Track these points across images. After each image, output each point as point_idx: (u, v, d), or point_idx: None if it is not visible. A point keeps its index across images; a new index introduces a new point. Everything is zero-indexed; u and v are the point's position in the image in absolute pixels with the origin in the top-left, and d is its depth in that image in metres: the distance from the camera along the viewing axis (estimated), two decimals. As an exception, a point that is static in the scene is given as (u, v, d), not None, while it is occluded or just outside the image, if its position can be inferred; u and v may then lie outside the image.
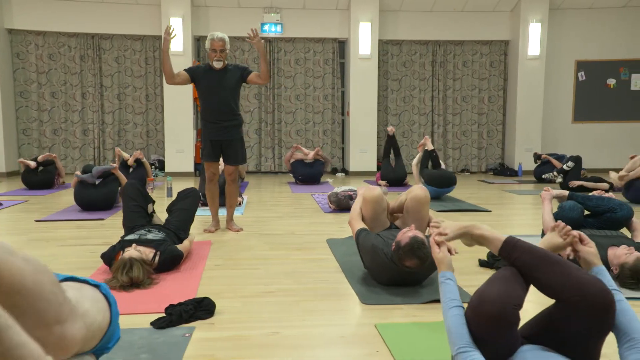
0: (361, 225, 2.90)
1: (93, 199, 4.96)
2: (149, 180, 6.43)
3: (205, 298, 2.35)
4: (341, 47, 9.36)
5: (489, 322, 1.40)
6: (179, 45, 8.51)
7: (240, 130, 4.17)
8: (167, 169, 8.67)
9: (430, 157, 6.16)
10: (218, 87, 3.99)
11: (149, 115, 9.12)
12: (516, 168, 9.10)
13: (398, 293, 2.61)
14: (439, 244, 1.71)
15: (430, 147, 6.12)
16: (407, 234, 2.52)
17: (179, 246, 3.10)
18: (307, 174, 7.54)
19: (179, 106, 8.61)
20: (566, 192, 3.22)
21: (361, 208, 3.01)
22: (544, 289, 1.50)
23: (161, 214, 3.84)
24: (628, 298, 2.50)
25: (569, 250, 1.70)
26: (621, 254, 2.59)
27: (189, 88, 8.60)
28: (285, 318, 2.31)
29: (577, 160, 6.89)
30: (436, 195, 5.78)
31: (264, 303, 2.51)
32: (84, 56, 8.75)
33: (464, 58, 9.44)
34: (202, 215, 4.94)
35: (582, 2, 9.09)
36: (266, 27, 8.91)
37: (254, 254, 3.50)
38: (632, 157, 5.78)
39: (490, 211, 5.26)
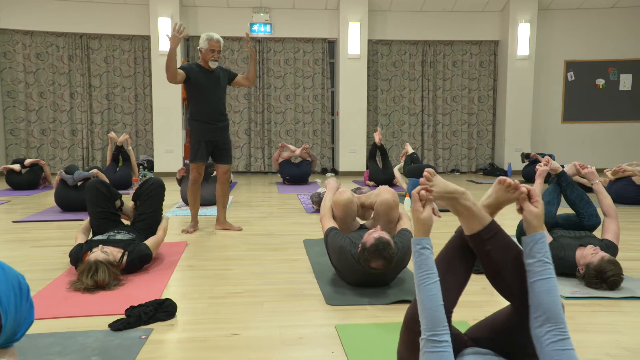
0: (331, 223, 2.87)
1: (73, 200, 4.94)
2: (134, 181, 6.41)
3: (167, 299, 2.34)
4: (331, 47, 9.34)
5: (410, 347, 1.39)
6: (167, 45, 8.47)
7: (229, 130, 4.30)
8: (156, 169, 8.65)
9: (412, 160, 6.25)
10: (214, 87, 4.04)
11: (138, 116, 9.10)
12: (506, 168, 9.10)
13: (364, 294, 2.60)
14: (423, 201, 1.44)
15: (410, 151, 6.34)
16: (372, 235, 2.51)
17: (151, 239, 3.06)
18: (295, 174, 7.53)
19: (168, 106, 8.60)
20: (560, 168, 3.17)
21: (332, 206, 2.99)
22: (499, 289, 1.48)
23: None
24: (593, 297, 2.51)
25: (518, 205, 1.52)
26: (587, 254, 2.60)
27: (178, 88, 8.58)
28: (247, 319, 2.30)
29: None
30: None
31: (228, 304, 2.50)
32: (72, 56, 8.72)
33: (454, 58, 9.44)
34: (182, 215, 4.93)
35: (571, 3, 9.09)
36: (255, 27, 8.90)
37: (229, 254, 3.49)
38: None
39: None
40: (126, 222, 3.41)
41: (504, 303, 1.53)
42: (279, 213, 5.18)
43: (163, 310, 2.27)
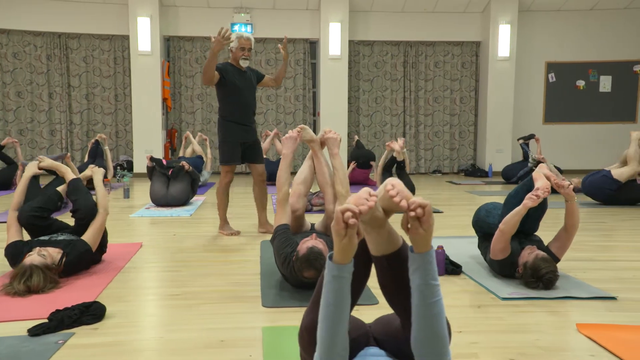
0: (284, 219, 2.78)
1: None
2: (106, 182, 6.35)
3: (95, 302, 2.30)
4: (312, 47, 9.32)
5: (308, 350, 1.37)
6: (147, 45, 8.45)
7: None
8: (135, 170, 8.60)
9: (397, 165, 6.05)
10: (249, 87, 3.99)
11: (118, 116, 9.04)
12: (487, 169, 9.09)
13: (303, 296, 2.57)
14: (347, 223, 1.16)
15: (400, 158, 5.90)
16: (305, 244, 2.48)
17: (90, 229, 2.92)
18: (274, 172, 7.43)
19: (148, 106, 8.55)
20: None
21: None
22: (393, 306, 1.43)
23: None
24: (528, 298, 2.48)
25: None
26: (525, 254, 2.60)
27: (158, 88, 8.55)
28: (175, 322, 2.26)
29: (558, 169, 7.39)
30: None
31: (162, 306, 2.46)
32: (50, 55, 8.66)
33: (436, 59, 9.42)
34: (148, 216, 4.87)
35: (551, 4, 9.08)
36: (236, 28, 8.85)
37: (182, 256, 3.45)
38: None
39: (442, 212, 5.23)
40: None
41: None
42: (248, 214, 5.15)
43: (90, 313, 2.23)
